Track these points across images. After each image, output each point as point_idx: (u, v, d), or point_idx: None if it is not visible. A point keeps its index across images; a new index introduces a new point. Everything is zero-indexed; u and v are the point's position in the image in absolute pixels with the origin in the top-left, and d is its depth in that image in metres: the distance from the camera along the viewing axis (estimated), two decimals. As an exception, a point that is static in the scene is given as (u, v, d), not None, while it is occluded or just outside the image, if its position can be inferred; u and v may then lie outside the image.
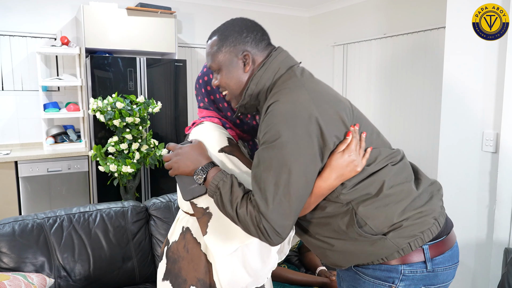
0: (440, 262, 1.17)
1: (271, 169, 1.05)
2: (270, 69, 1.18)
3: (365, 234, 1.12)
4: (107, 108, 3.42)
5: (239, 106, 1.23)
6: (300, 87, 1.12)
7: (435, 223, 1.16)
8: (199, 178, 1.16)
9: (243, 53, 1.20)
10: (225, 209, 1.11)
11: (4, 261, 1.87)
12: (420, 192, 1.19)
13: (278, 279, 1.94)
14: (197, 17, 5.00)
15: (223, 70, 1.22)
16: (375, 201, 1.13)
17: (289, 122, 1.05)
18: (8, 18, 4.01)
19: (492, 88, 2.15)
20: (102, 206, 2.24)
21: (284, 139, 1.05)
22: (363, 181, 1.15)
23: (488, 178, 2.21)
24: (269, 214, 1.04)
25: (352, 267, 1.22)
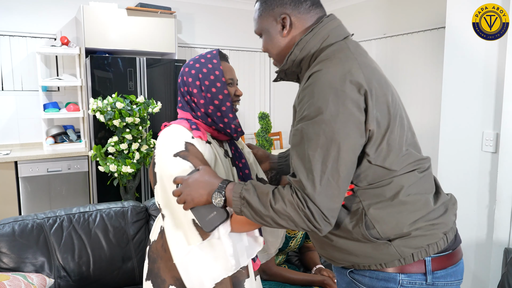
0: (441, 276, 1.10)
1: (318, 146, 0.97)
2: (318, 35, 1.10)
3: (370, 238, 1.06)
4: (107, 108, 3.42)
5: (279, 71, 1.19)
6: (352, 59, 1.03)
7: (443, 237, 1.10)
8: (218, 200, 1.08)
9: (281, 16, 1.14)
10: (260, 215, 1.03)
11: (4, 261, 1.87)
12: (436, 206, 1.11)
13: (278, 279, 1.94)
14: (197, 17, 5.00)
15: (264, 35, 1.20)
16: (388, 205, 1.06)
17: (339, 93, 0.96)
18: (8, 18, 4.01)
19: (492, 88, 2.15)
20: (102, 206, 2.24)
21: (332, 111, 0.95)
22: (382, 181, 1.07)
23: (488, 178, 2.21)
24: (317, 196, 0.96)
25: (347, 274, 1.17)
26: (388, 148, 1.04)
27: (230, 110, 1.29)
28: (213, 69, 1.29)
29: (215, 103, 1.27)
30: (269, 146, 3.89)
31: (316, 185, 0.96)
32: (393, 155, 1.05)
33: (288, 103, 5.79)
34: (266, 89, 5.67)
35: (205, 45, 5.08)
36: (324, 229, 1.00)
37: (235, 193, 1.05)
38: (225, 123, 1.30)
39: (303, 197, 0.98)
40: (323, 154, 0.96)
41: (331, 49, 1.08)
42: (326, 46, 1.09)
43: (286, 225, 1.02)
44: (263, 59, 5.58)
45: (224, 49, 5.25)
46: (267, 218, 1.02)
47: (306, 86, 1.01)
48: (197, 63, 1.31)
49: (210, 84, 1.27)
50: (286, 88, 5.76)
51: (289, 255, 2.31)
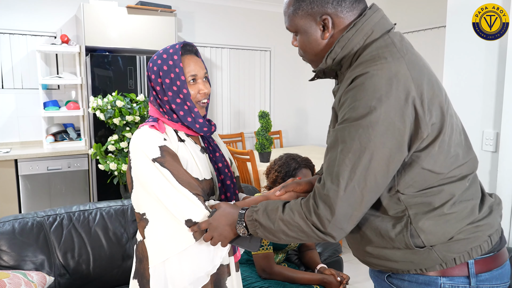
0: (486, 280, 1.03)
1: (350, 151, 0.93)
2: (361, 32, 1.01)
3: (413, 247, 1.00)
4: (107, 107, 3.41)
5: (318, 70, 1.11)
6: (399, 58, 0.96)
7: (488, 240, 1.03)
8: (243, 231, 1.12)
9: (322, 17, 1.04)
10: (272, 232, 1.04)
11: (4, 259, 1.88)
12: (483, 212, 1.05)
13: (278, 277, 1.94)
14: (197, 16, 4.99)
15: (300, 35, 1.09)
16: (436, 215, 0.99)
17: (383, 100, 0.90)
18: (8, 16, 4.01)
19: (492, 88, 2.15)
20: (102, 204, 2.24)
21: (373, 118, 0.90)
22: (430, 188, 1.00)
23: (488, 177, 2.21)
24: (338, 202, 0.93)
25: (385, 279, 1.11)
26: (439, 151, 0.99)
27: (192, 110, 1.26)
28: (174, 66, 1.25)
29: (177, 101, 1.26)
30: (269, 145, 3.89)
31: (340, 191, 0.93)
32: (442, 157, 0.99)
33: (288, 101, 5.80)
34: (266, 87, 5.67)
35: (205, 43, 5.07)
36: (337, 236, 0.98)
37: (248, 217, 1.09)
38: (189, 122, 1.27)
39: (313, 204, 0.97)
40: (354, 160, 0.93)
41: (376, 46, 1.00)
42: (370, 43, 1.01)
43: (298, 237, 1.02)
44: (263, 58, 5.58)
45: (224, 48, 5.25)
46: (279, 233, 1.03)
47: (350, 89, 0.95)
48: (159, 59, 1.27)
49: (171, 83, 1.25)
50: (286, 87, 5.76)
51: (289, 254, 2.31)
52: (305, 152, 3.61)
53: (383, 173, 0.94)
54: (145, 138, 1.24)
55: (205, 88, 1.29)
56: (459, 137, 1.06)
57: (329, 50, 1.05)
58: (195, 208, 1.19)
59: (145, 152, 1.21)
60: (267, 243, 1.95)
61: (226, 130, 5.40)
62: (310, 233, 0.99)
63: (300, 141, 5.97)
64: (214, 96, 5.25)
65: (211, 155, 1.35)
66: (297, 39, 1.12)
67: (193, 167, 1.27)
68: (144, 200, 1.22)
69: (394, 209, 1.02)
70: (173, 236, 1.20)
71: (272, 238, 1.07)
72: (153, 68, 1.28)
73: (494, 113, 2.15)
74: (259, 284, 1.90)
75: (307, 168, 2.02)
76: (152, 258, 1.22)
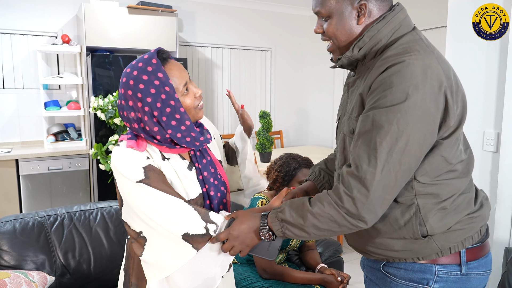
0: (474, 267, 1.11)
1: (388, 134, 0.94)
2: (390, 24, 1.05)
3: (418, 235, 1.05)
4: (108, 107, 3.42)
5: (343, 57, 1.12)
6: (429, 53, 1.01)
7: (478, 231, 1.12)
8: (267, 235, 1.11)
9: (360, 2, 1.06)
10: (302, 228, 1.04)
11: (5, 259, 1.88)
12: (477, 206, 1.13)
13: (279, 277, 1.94)
14: (198, 16, 4.99)
15: (334, 19, 1.08)
16: (442, 207, 1.06)
17: (420, 87, 0.94)
18: (9, 16, 4.01)
19: (493, 88, 2.14)
20: (102, 204, 2.24)
21: (410, 103, 0.93)
22: (441, 180, 1.06)
23: (488, 177, 2.21)
24: (375, 184, 0.95)
25: (381, 268, 1.16)
26: (455, 142, 1.06)
27: (191, 129, 1.16)
28: (162, 85, 1.09)
29: (173, 124, 1.13)
30: (270, 145, 3.89)
31: (377, 173, 0.95)
32: (454, 148, 1.07)
33: (289, 101, 5.80)
34: (267, 87, 5.67)
35: (206, 43, 5.08)
36: (370, 220, 0.99)
37: (273, 219, 1.09)
38: (187, 142, 1.17)
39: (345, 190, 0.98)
40: (391, 143, 0.95)
41: (406, 40, 1.04)
42: (399, 37, 1.05)
43: (329, 228, 1.02)
44: (264, 58, 5.58)
45: (225, 48, 5.25)
46: (310, 228, 1.03)
47: (385, 76, 0.97)
48: (140, 83, 1.09)
49: (163, 105, 1.10)
50: (287, 87, 5.76)
51: (290, 254, 2.31)
52: (305, 152, 3.61)
53: (416, 157, 0.98)
54: (125, 160, 1.14)
55: (198, 89, 1.20)
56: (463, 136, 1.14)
57: (358, 39, 1.07)
58: (190, 221, 1.12)
59: (126, 176, 1.12)
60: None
61: (226, 130, 5.40)
62: (342, 221, 0.99)
63: (300, 141, 5.96)
64: (214, 96, 5.25)
65: (200, 176, 1.26)
66: (324, 25, 1.11)
67: (178, 187, 1.19)
68: (136, 220, 1.15)
69: (405, 195, 1.05)
70: (173, 252, 1.14)
71: (303, 235, 1.06)
72: (136, 95, 1.10)
73: (495, 113, 2.15)
74: (259, 284, 1.90)
75: (307, 167, 2.02)
76: (150, 276, 1.16)
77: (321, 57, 5.55)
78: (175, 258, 1.14)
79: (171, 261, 1.14)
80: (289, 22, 5.65)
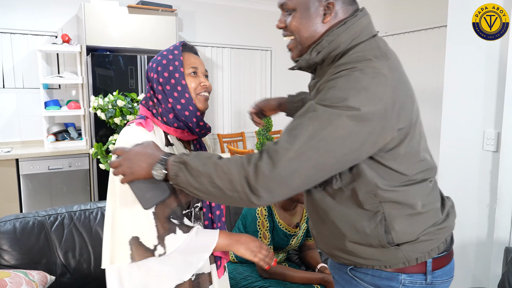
0: (439, 276, 1.13)
1: (318, 119, 0.92)
2: (351, 30, 1.02)
3: (385, 243, 1.06)
4: (108, 106, 3.41)
5: (301, 60, 1.09)
6: (383, 62, 0.98)
7: (444, 241, 1.14)
8: (159, 172, 1.02)
9: (328, 0, 1.03)
10: (197, 174, 0.97)
11: (5, 258, 1.88)
12: (443, 216, 1.14)
13: (279, 277, 1.94)
14: (198, 15, 4.99)
15: (299, 12, 1.06)
16: (406, 213, 1.06)
17: (361, 96, 0.91)
18: (9, 16, 4.01)
19: (493, 87, 2.14)
20: (103, 203, 2.24)
21: (348, 104, 0.91)
22: (403, 186, 1.05)
23: (489, 177, 2.21)
24: (284, 161, 0.91)
25: (348, 271, 1.16)
26: (406, 155, 1.03)
27: (190, 102, 1.23)
28: (173, 60, 1.24)
29: (175, 95, 1.22)
30: (270, 144, 3.89)
31: (290, 151, 0.91)
32: (409, 161, 1.04)
33: (289, 101, 5.79)
34: (267, 87, 5.66)
35: (206, 43, 5.07)
36: (263, 199, 0.93)
37: (175, 159, 1.01)
38: (186, 116, 1.23)
39: (257, 156, 0.94)
40: (317, 128, 0.91)
41: (362, 47, 1.02)
42: (357, 44, 1.02)
43: (222, 187, 0.95)
44: (264, 57, 5.58)
45: (225, 47, 5.25)
46: (204, 178, 0.96)
47: (332, 79, 0.96)
48: (159, 56, 1.27)
49: (169, 75, 1.23)
50: (287, 86, 5.76)
51: (290, 253, 2.32)
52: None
53: (336, 156, 0.93)
54: (129, 136, 1.19)
55: (207, 82, 1.27)
56: (425, 143, 1.13)
57: (316, 42, 1.05)
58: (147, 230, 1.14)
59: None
60: (267, 242, 1.95)
61: (227, 130, 5.40)
62: (237, 185, 0.93)
63: (301, 141, 5.95)
64: (215, 96, 5.25)
65: None
66: (288, 19, 1.08)
67: None
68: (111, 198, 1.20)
69: (370, 203, 1.05)
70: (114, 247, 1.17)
71: (193, 185, 0.98)
72: (152, 66, 1.27)
73: (495, 113, 2.15)
74: (259, 284, 1.91)
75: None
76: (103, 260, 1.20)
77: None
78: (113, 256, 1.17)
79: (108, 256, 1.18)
80: (289, 22, 5.65)
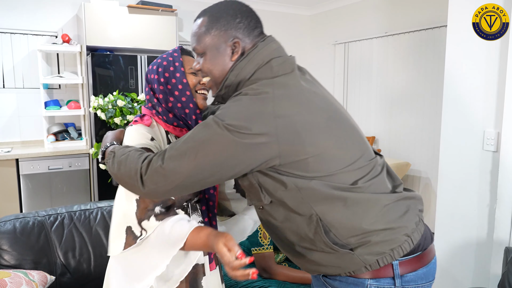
0: (411, 280, 1.09)
1: (203, 130, 1.02)
2: (253, 62, 1.09)
3: (331, 244, 1.05)
4: (108, 106, 3.42)
5: (216, 96, 1.18)
6: (267, 86, 1.04)
7: (408, 240, 1.08)
8: (99, 157, 1.26)
9: (233, 40, 1.11)
10: (115, 157, 1.14)
11: (5, 258, 1.88)
12: (391, 203, 1.09)
13: (278, 277, 1.94)
14: (198, 15, 4.99)
15: (208, 54, 1.13)
16: (339, 206, 1.05)
17: (238, 116, 1.00)
18: (9, 16, 4.01)
19: (494, 87, 2.14)
20: (103, 204, 2.24)
21: (220, 127, 0.99)
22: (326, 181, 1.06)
23: (489, 177, 2.21)
24: (168, 155, 1.03)
25: (321, 277, 1.17)
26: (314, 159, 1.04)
27: (190, 100, 1.28)
28: (173, 61, 1.29)
29: (175, 94, 1.27)
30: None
31: (174, 150, 1.04)
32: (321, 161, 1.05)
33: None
34: (267, 87, 5.66)
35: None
36: (148, 187, 1.05)
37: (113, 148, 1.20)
38: (186, 114, 1.29)
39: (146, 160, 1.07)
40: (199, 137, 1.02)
41: (259, 72, 1.08)
42: (258, 77, 1.09)
43: (124, 172, 1.10)
44: (264, 57, 5.58)
45: (225, 47, 5.24)
46: (118, 164, 1.12)
47: (229, 101, 1.08)
48: (159, 59, 1.32)
49: (170, 76, 1.27)
50: (287, 86, 5.76)
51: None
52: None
53: (210, 164, 1.02)
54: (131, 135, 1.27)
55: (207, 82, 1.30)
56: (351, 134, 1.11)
57: (225, 78, 1.13)
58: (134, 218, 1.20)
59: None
60: (267, 242, 1.95)
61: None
62: (132, 173, 1.07)
63: (301, 141, 5.96)
64: (215, 96, 5.24)
65: None
66: (201, 61, 1.17)
67: None
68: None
69: (301, 208, 1.07)
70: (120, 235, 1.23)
71: (109, 167, 1.16)
72: (152, 68, 1.32)
73: (495, 113, 2.15)
74: (259, 284, 1.91)
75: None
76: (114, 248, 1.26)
77: (321, 57, 5.55)
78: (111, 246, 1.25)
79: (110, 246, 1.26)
80: (289, 22, 5.65)
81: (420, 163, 4.30)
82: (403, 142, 4.48)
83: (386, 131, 4.69)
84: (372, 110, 4.85)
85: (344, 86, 5.23)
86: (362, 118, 5.00)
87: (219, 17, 1.12)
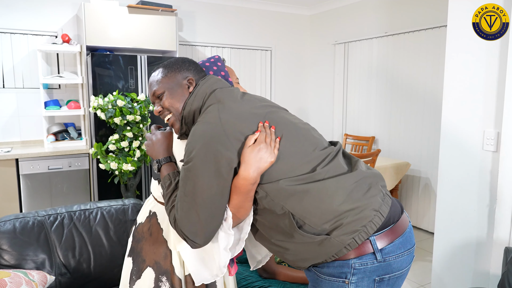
0: (390, 251, 1.18)
1: (182, 182, 1.19)
2: (198, 96, 1.28)
3: (307, 235, 1.15)
4: (108, 106, 3.42)
5: (180, 134, 1.33)
6: (212, 110, 1.22)
7: (377, 214, 1.17)
8: (154, 168, 1.35)
9: (187, 78, 1.32)
10: (166, 206, 1.26)
11: (5, 258, 1.88)
12: (352, 183, 1.19)
13: (278, 277, 1.94)
14: (198, 15, 4.99)
15: (168, 92, 1.31)
16: (308, 200, 1.16)
17: (197, 142, 1.16)
18: (9, 16, 4.01)
19: (493, 87, 2.15)
20: (102, 203, 2.25)
21: (191, 157, 1.16)
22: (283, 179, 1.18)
23: (489, 177, 2.21)
24: (179, 220, 1.18)
25: (311, 267, 1.25)
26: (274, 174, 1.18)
27: None
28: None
29: None
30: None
31: (179, 210, 1.18)
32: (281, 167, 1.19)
33: (289, 101, 5.79)
34: (267, 87, 5.66)
35: (206, 43, 5.08)
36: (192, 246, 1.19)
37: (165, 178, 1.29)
38: None
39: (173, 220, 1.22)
40: (184, 187, 1.18)
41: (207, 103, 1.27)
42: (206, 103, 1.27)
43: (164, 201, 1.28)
44: (264, 57, 5.58)
45: (225, 47, 5.25)
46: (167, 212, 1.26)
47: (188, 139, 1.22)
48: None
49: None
50: (287, 86, 5.76)
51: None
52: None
53: (209, 195, 1.15)
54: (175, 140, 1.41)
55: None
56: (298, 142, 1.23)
57: (181, 116, 1.30)
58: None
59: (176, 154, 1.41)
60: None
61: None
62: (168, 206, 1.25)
63: (300, 141, 5.95)
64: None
65: None
66: (160, 103, 1.33)
67: None
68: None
69: (277, 209, 1.18)
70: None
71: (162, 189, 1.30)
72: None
73: (495, 113, 2.15)
74: (259, 284, 1.91)
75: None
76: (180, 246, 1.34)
77: (321, 57, 5.55)
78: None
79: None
80: (289, 22, 5.65)
81: (420, 163, 4.30)
82: (403, 142, 4.48)
83: (386, 131, 4.69)
84: (372, 110, 4.85)
85: (344, 86, 5.23)
86: (362, 118, 5.00)
87: (172, 64, 1.35)
